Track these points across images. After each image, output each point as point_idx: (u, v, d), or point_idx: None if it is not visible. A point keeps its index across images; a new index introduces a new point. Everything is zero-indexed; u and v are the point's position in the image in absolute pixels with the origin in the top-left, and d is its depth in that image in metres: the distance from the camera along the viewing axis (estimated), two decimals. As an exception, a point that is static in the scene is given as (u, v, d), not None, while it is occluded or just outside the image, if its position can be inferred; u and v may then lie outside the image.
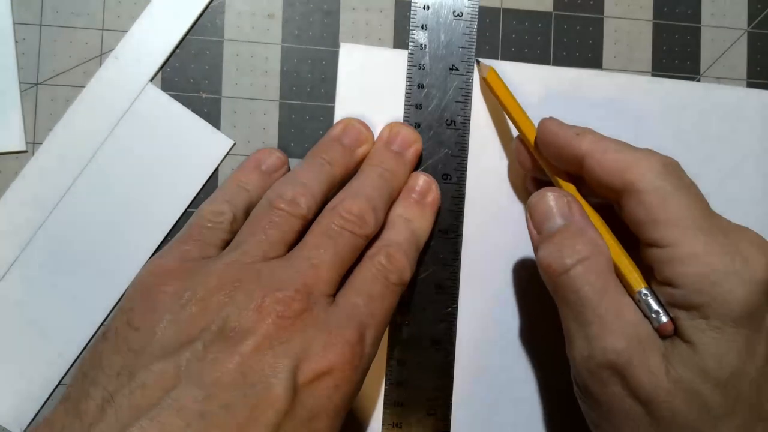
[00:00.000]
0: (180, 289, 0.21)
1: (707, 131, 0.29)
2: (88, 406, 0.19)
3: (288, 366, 0.19)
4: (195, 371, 0.19)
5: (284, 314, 0.20)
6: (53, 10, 0.27)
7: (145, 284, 0.22)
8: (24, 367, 0.26)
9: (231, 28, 0.28)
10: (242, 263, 0.21)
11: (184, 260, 0.22)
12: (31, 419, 0.26)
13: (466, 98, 0.28)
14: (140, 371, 0.19)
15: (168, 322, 0.20)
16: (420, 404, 0.28)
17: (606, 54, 0.30)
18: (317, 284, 0.21)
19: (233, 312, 0.20)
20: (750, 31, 0.30)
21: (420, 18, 0.28)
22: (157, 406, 0.18)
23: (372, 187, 0.24)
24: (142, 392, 0.19)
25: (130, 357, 0.20)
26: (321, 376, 0.20)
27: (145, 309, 0.21)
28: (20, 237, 0.26)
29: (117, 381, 0.19)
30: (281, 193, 0.23)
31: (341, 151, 0.26)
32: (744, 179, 0.30)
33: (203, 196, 0.27)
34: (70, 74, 0.27)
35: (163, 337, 0.20)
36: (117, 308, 0.22)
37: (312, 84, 0.28)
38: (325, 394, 0.20)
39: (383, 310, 0.23)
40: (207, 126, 0.27)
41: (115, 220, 0.27)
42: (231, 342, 0.20)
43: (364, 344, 0.22)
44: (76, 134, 0.27)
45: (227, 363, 0.19)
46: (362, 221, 0.23)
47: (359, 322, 0.22)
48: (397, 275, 0.23)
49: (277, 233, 0.22)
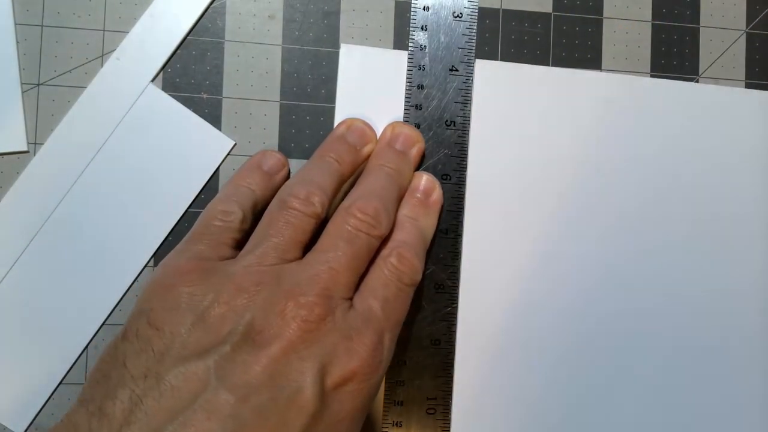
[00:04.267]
0: (200, 290, 0.21)
1: (706, 132, 0.30)
2: (115, 409, 0.18)
3: (315, 370, 0.20)
4: (224, 374, 0.19)
5: (308, 319, 0.20)
6: (54, 11, 0.27)
7: (163, 284, 0.21)
8: (25, 367, 0.26)
9: (232, 29, 0.28)
10: (261, 266, 0.21)
11: (200, 260, 0.22)
12: (33, 418, 0.26)
13: (465, 99, 0.28)
14: (169, 373, 0.19)
15: (192, 324, 0.20)
16: (420, 403, 0.28)
17: (605, 55, 0.30)
18: (337, 288, 0.21)
19: (258, 315, 0.20)
20: (749, 32, 0.31)
21: (420, 19, 0.28)
22: (189, 408, 0.18)
23: (382, 187, 0.24)
24: (171, 394, 0.18)
25: (156, 358, 0.19)
26: (346, 381, 0.20)
27: (165, 309, 0.20)
28: (22, 237, 0.26)
29: (145, 383, 0.19)
30: (294, 193, 0.23)
31: (348, 149, 0.26)
32: (743, 179, 0.30)
33: (204, 196, 0.27)
34: (72, 75, 0.27)
35: (188, 339, 0.20)
36: (135, 308, 0.21)
37: (312, 84, 0.28)
38: (349, 398, 0.20)
39: (399, 312, 0.23)
40: (208, 126, 0.27)
41: (116, 220, 0.27)
42: (258, 345, 0.20)
43: (383, 348, 0.22)
44: (78, 135, 0.27)
45: (256, 366, 0.19)
46: (377, 221, 0.23)
47: (378, 327, 0.22)
48: (410, 276, 0.23)
49: (292, 234, 0.22)
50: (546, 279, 0.28)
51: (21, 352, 0.26)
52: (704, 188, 0.30)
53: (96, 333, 0.27)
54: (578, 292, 0.29)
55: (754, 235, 0.30)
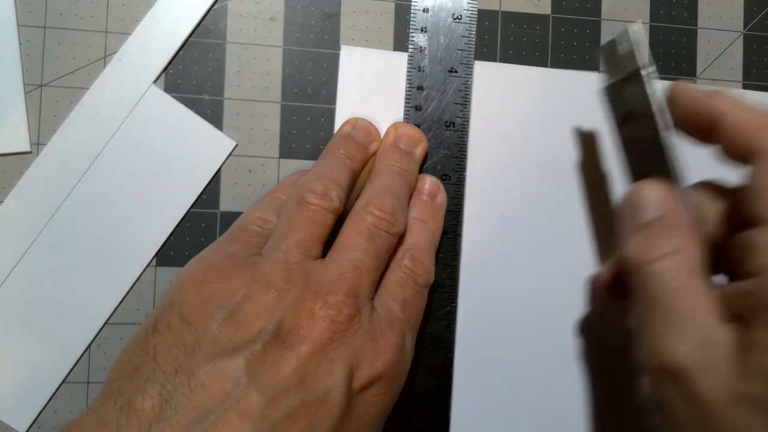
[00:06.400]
0: (232, 286, 0.20)
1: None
2: (145, 405, 0.18)
3: (343, 372, 0.19)
4: (255, 373, 0.19)
5: (337, 319, 0.20)
6: (57, 13, 0.27)
7: (195, 279, 0.21)
8: (28, 365, 0.26)
9: (233, 31, 0.28)
10: (288, 262, 0.21)
11: (233, 257, 0.22)
12: (36, 417, 0.26)
13: (465, 100, 0.28)
14: (200, 370, 0.19)
15: (223, 320, 0.20)
16: (420, 403, 0.28)
17: (603, 56, 0.30)
18: (362, 288, 0.21)
19: (288, 314, 0.20)
20: (746, 34, 0.31)
21: (420, 21, 0.28)
22: (219, 407, 0.18)
23: (395, 186, 0.24)
24: (203, 392, 0.18)
25: (186, 353, 0.19)
26: (371, 384, 0.20)
27: (198, 303, 0.20)
28: (24, 237, 0.26)
29: (176, 379, 0.19)
30: (312, 188, 0.23)
31: (356, 146, 0.26)
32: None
33: (206, 196, 0.28)
34: (74, 76, 0.27)
35: (219, 335, 0.19)
36: (164, 300, 0.21)
37: (313, 86, 0.28)
38: (373, 402, 0.20)
39: (417, 313, 0.23)
40: (209, 127, 0.28)
41: (118, 219, 0.27)
42: (288, 345, 0.19)
43: (405, 351, 0.22)
44: (80, 135, 0.27)
45: (286, 366, 0.19)
46: (394, 218, 0.23)
47: (400, 328, 0.22)
48: (424, 278, 0.24)
49: (314, 229, 0.22)
50: (545, 278, 0.29)
51: (24, 350, 0.26)
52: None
53: (99, 332, 0.27)
54: (577, 292, 0.29)
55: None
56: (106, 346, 0.27)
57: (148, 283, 0.27)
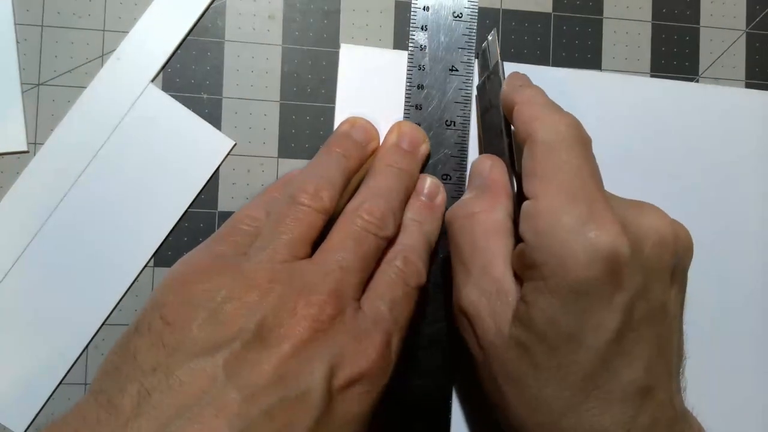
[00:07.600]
0: (214, 287, 0.20)
1: (706, 132, 0.30)
2: (124, 402, 0.18)
3: (324, 371, 0.19)
4: (233, 372, 0.19)
5: (318, 318, 0.20)
6: (55, 11, 0.27)
7: (179, 280, 0.21)
8: (25, 367, 0.26)
9: (232, 30, 0.28)
10: (273, 262, 0.21)
11: (219, 258, 0.22)
12: (33, 418, 0.26)
13: (465, 99, 0.28)
14: (178, 368, 0.19)
15: (204, 320, 0.20)
16: (419, 403, 0.28)
17: (605, 55, 0.30)
18: (347, 288, 0.21)
19: (269, 313, 0.20)
20: (749, 32, 0.31)
21: (420, 19, 0.28)
22: (196, 405, 0.18)
23: (389, 189, 0.24)
24: (180, 389, 0.18)
25: (166, 353, 0.19)
26: (353, 383, 0.20)
27: (179, 304, 0.20)
28: (22, 237, 0.26)
29: (154, 377, 0.19)
30: (303, 188, 0.23)
31: (354, 144, 0.26)
32: (743, 180, 0.30)
33: (204, 196, 0.27)
34: (72, 75, 0.27)
35: (199, 335, 0.19)
36: (149, 302, 0.21)
37: (312, 85, 0.28)
38: (356, 401, 0.20)
39: (406, 314, 0.23)
40: (208, 126, 0.27)
41: (116, 220, 0.27)
42: (268, 344, 0.20)
43: (391, 350, 0.22)
44: (78, 135, 0.27)
45: (265, 365, 0.19)
46: (384, 223, 0.23)
47: (385, 329, 0.22)
48: (415, 279, 0.23)
49: (302, 230, 0.22)
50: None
51: (21, 352, 0.26)
52: (704, 188, 0.30)
53: (96, 333, 0.27)
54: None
55: (753, 234, 0.30)
56: (103, 348, 0.27)
57: (145, 283, 0.27)
